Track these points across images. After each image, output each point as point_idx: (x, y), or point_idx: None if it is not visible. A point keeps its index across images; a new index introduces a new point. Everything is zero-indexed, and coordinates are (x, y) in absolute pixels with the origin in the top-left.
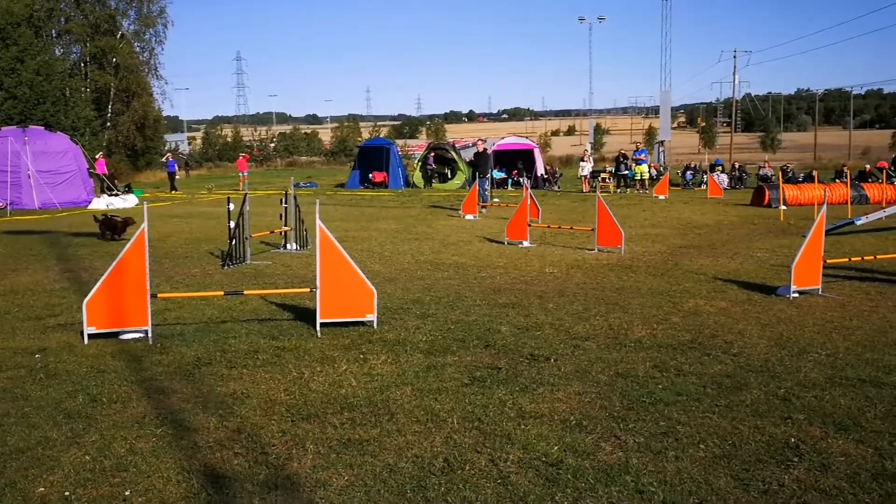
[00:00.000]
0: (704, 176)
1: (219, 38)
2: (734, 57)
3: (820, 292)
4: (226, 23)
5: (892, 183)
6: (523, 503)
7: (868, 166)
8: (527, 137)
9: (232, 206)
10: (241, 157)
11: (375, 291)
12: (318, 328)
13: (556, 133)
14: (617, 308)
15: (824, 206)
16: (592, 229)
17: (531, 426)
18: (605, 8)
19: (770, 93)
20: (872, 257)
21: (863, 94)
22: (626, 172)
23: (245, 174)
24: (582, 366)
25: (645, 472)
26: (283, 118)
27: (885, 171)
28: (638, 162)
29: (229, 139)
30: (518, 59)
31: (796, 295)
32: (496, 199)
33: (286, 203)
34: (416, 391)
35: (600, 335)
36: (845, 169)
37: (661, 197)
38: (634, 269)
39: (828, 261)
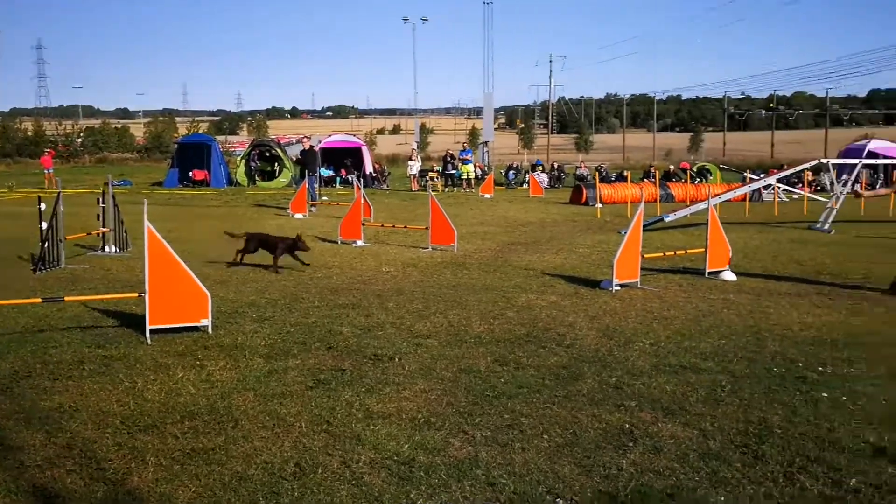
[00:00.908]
0: (526, 175)
1: (16, 24)
2: (550, 62)
3: (639, 285)
4: (24, 8)
5: (694, 182)
6: (378, 503)
7: (672, 167)
8: (354, 135)
9: (44, 206)
10: (45, 154)
11: (209, 295)
12: (147, 335)
13: (381, 132)
14: (455, 305)
15: (641, 205)
16: (426, 228)
17: (380, 426)
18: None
19: (583, 96)
20: (684, 251)
21: (664, 99)
22: (454, 172)
23: (51, 171)
24: (426, 364)
25: (494, 464)
26: (90, 111)
27: (688, 172)
28: (464, 162)
29: (30, 133)
30: (342, 56)
31: (618, 288)
32: (325, 198)
33: (104, 203)
34: (260, 396)
35: (441, 332)
36: (653, 169)
37: (487, 196)
38: (468, 267)
39: (645, 255)
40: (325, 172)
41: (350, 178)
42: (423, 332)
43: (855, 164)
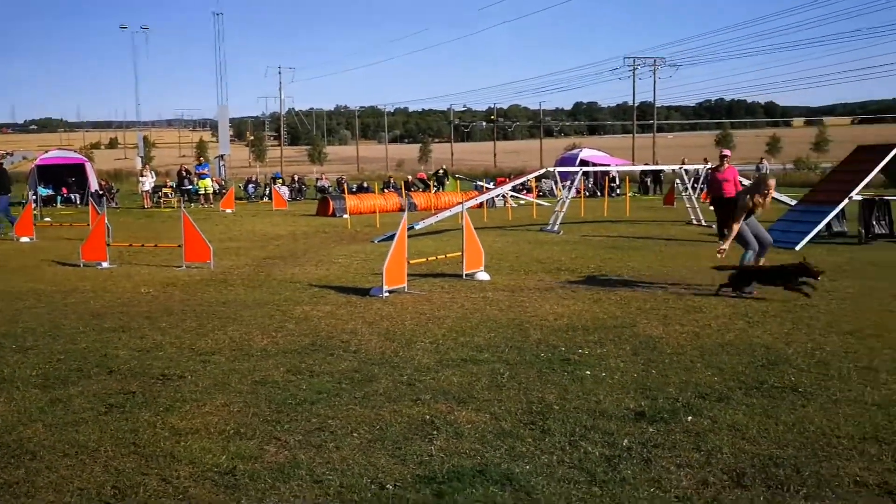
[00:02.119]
0: (267, 189)
1: None
2: (279, 73)
3: (406, 290)
4: None
5: (435, 191)
6: None
7: (410, 177)
8: (75, 151)
9: None
10: None
11: None
12: None
13: (96, 146)
14: (231, 321)
15: (405, 214)
16: (179, 245)
17: (192, 441)
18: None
19: (312, 108)
20: (444, 256)
21: (393, 111)
22: (190, 187)
23: None
24: (218, 379)
25: (314, 464)
26: None
27: (425, 182)
28: (201, 176)
29: None
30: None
31: (388, 294)
32: (47, 219)
33: None
34: (50, 426)
35: (225, 348)
36: (392, 179)
37: (228, 211)
38: (231, 283)
39: (410, 261)
40: (44, 192)
41: (73, 197)
42: (206, 349)
43: (576, 172)
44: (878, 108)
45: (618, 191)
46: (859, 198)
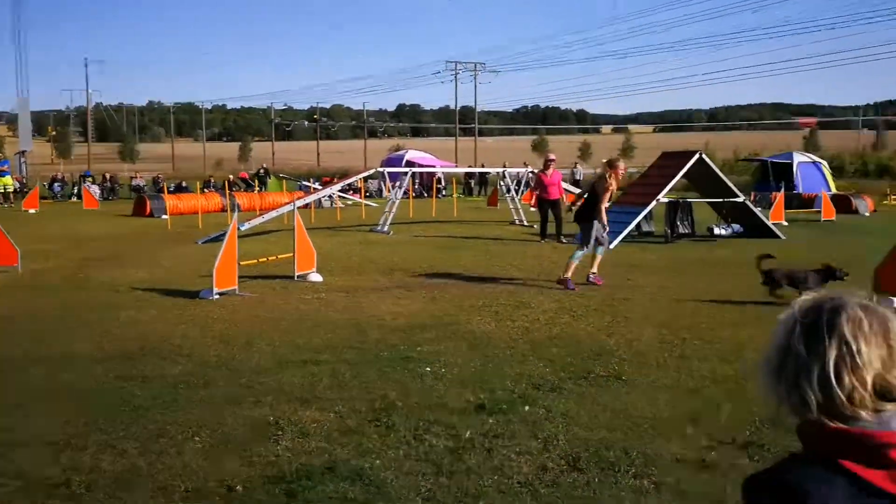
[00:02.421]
0: (75, 188)
1: None
2: (86, 65)
3: (237, 292)
4: None
5: (259, 191)
6: None
7: (232, 176)
8: None
9: None
10: None
11: None
12: None
13: None
14: (49, 328)
15: (235, 214)
16: None
17: (18, 455)
18: None
19: (122, 103)
20: (275, 258)
21: (210, 108)
22: None
23: None
24: (42, 387)
25: (155, 471)
26: None
27: (247, 182)
28: (0, 174)
29: None
30: None
31: (218, 296)
32: None
33: None
34: None
35: (43, 357)
36: (212, 179)
37: (32, 210)
38: (44, 288)
39: (242, 263)
40: None
41: None
42: (22, 357)
43: (405, 172)
44: (677, 117)
45: (443, 192)
46: (665, 200)
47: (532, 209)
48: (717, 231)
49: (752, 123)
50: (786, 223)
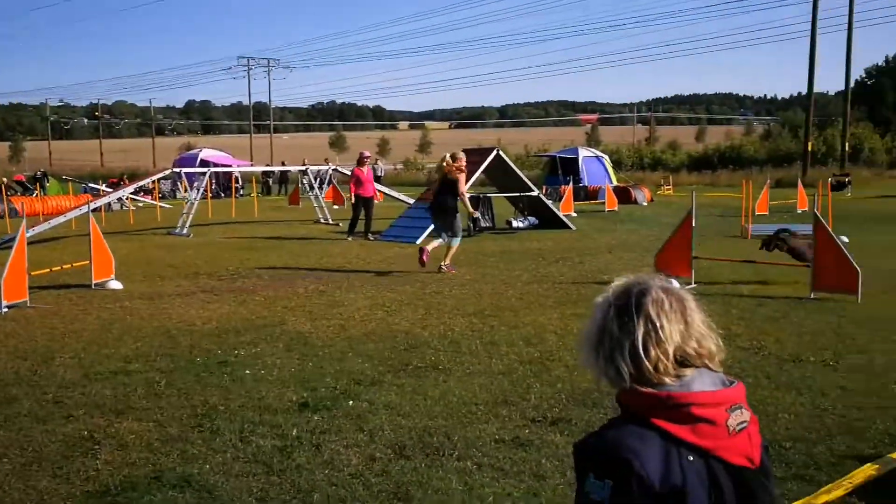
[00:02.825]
0: None
1: None
2: None
3: (29, 304)
4: None
5: (39, 195)
6: None
7: (6, 179)
8: None
9: None
10: None
11: None
12: None
13: None
14: None
15: (24, 220)
16: None
17: None
18: None
19: None
20: (69, 265)
21: None
22: None
23: None
24: None
25: None
26: None
27: (24, 185)
28: None
29: None
30: None
31: (7, 309)
32: None
33: None
34: None
35: None
36: None
37: None
38: None
39: (32, 273)
40: None
41: None
42: None
43: (204, 172)
44: (471, 114)
45: (241, 191)
46: (468, 195)
47: (336, 207)
48: (515, 224)
49: (540, 120)
50: (575, 214)
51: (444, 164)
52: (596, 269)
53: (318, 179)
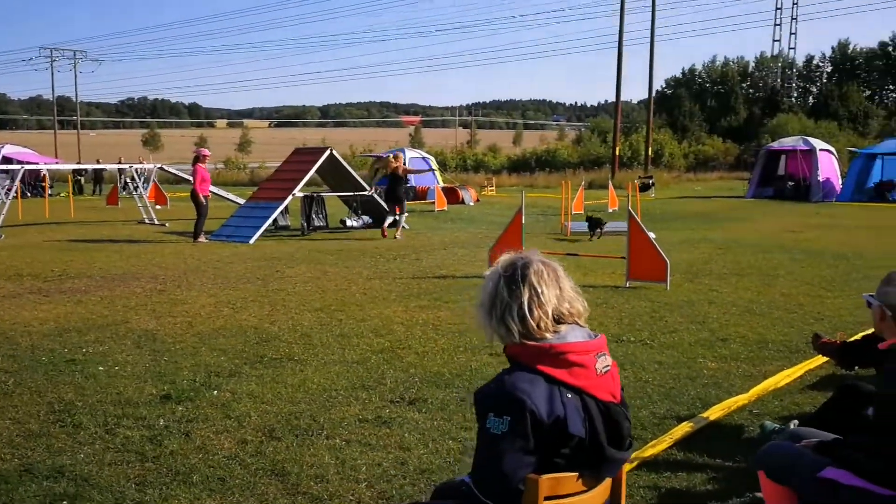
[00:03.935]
0: None
1: None
2: None
3: None
4: None
5: None
6: None
7: None
8: None
9: None
10: None
11: None
12: None
13: None
14: None
15: None
16: None
17: None
18: None
19: None
20: None
21: None
22: None
23: None
24: None
25: None
26: None
27: None
28: None
29: None
30: None
31: None
32: None
33: None
34: None
35: None
36: None
37: None
38: None
39: None
40: None
41: None
42: None
43: (17, 170)
44: (292, 113)
45: (50, 191)
46: (301, 195)
47: (158, 207)
48: (349, 223)
49: (363, 121)
50: (407, 214)
51: (392, 163)
52: (434, 265)
53: (143, 178)
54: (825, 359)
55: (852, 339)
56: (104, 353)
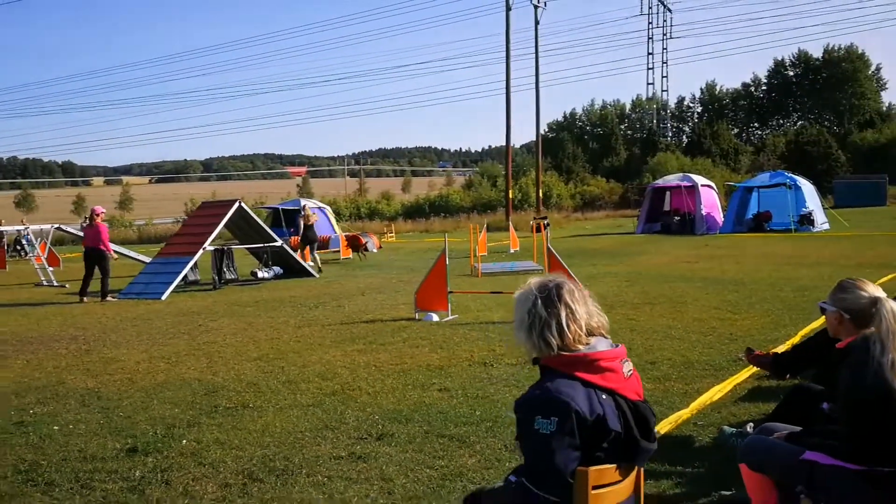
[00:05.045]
0: None
1: None
2: None
3: None
4: None
5: None
6: None
7: None
8: None
9: None
10: None
11: None
12: None
13: None
14: None
15: None
16: None
17: None
18: None
19: None
20: None
21: None
22: None
23: None
24: None
25: None
26: None
27: None
28: None
29: None
30: None
31: None
32: None
33: None
34: None
35: None
36: None
37: None
38: None
39: None
40: None
41: None
42: None
43: None
44: (173, 168)
45: None
46: (211, 248)
47: (51, 269)
48: (260, 274)
49: (248, 174)
50: (312, 264)
51: (307, 214)
52: (358, 310)
53: (40, 240)
54: (749, 373)
55: (782, 350)
56: (52, 414)
